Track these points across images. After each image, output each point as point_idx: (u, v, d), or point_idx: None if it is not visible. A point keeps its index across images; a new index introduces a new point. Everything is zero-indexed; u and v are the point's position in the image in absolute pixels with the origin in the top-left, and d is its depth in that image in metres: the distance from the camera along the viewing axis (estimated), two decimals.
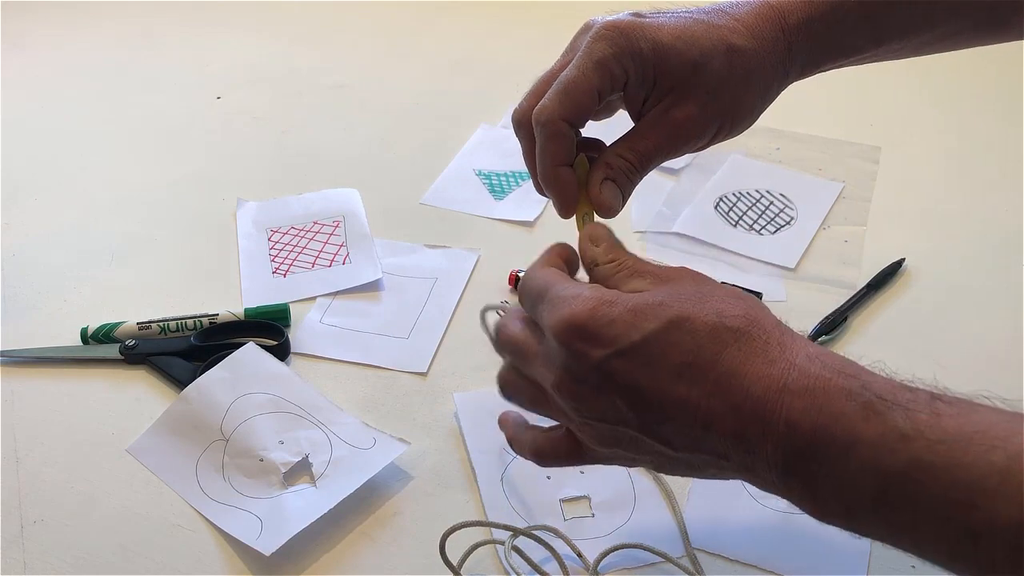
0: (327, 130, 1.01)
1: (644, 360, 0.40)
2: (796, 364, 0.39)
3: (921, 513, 0.35)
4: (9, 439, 0.66)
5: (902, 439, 0.36)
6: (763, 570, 0.57)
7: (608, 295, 0.42)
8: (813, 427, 0.37)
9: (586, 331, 0.41)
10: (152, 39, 1.19)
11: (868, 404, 0.37)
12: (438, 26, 1.21)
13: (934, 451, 0.35)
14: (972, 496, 0.34)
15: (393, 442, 0.64)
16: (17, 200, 0.90)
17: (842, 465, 0.37)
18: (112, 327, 0.73)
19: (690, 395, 0.40)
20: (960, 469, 0.34)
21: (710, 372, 0.40)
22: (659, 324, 0.40)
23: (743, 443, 0.39)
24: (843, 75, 0.59)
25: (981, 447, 0.34)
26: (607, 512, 0.60)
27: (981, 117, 1.02)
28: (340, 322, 0.76)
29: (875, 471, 0.36)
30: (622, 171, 0.50)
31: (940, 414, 0.36)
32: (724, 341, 0.40)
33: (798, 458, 0.38)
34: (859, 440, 0.36)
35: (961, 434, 0.35)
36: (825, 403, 0.38)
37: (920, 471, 0.35)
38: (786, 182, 0.91)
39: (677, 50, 0.48)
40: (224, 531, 0.59)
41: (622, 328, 0.41)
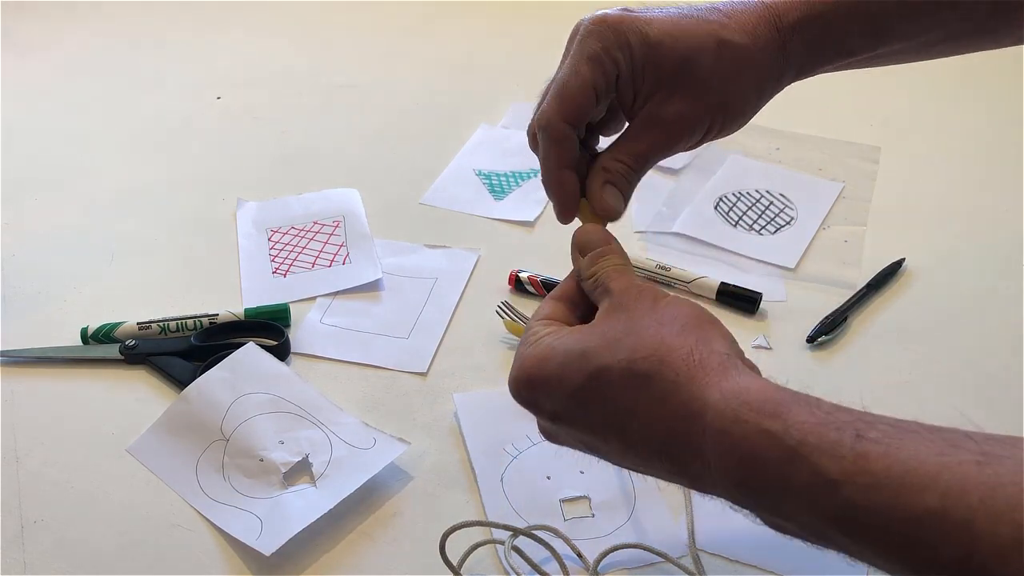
0: (327, 130, 1.01)
1: (577, 412, 0.44)
2: (709, 404, 0.39)
3: (867, 550, 0.36)
4: (9, 439, 0.66)
5: (831, 484, 0.35)
6: (763, 570, 0.57)
7: (546, 350, 0.45)
8: (738, 474, 0.38)
9: (526, 391, 0.46)
10: (152, 39, 1.19)
11: (792, 449, 0.37)
12: (438, 26, 1.21)
13: (866, 496, 0.35)
14: (910, 538, 0.33)
15: (393, 442, 0.64)
16: (17, 200, 0.90)
17: (780, 501, 0.38)
18: (112, 327, 0.73)
19: (624, 444, 0.43)
20: (894, 513, 0.34)
21: (633, 421, 0.42)
22: (582, 378, 0.43)
23: (686, 477, 0.42)
24: (843, 75, 0.59)
25: (913, 488, 0.34)
26: (607, 512, 0.60)
27: (981, 117, 1.02)
28: (340, 322, 0.76)
29: (810, 513, 0.37)
30: (621, 175, 0.50)
31: (867, 455, 0.35)
32: (637, 388, 0.41)
33: (739, 490, 0.39)
34: (789, 483, 0.37)
35: (890, 475, 0.34)
36: (747, 449, 0.38)
37: (856, 514, 0.35)
38: (786, 182, 0.91)
39: (666, 44, 0.48)
40: (224, 531, 0.59)
41: (554, 386, 0.44)
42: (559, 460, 0.64)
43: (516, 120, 1.01)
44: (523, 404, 0.47)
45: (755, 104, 0.53)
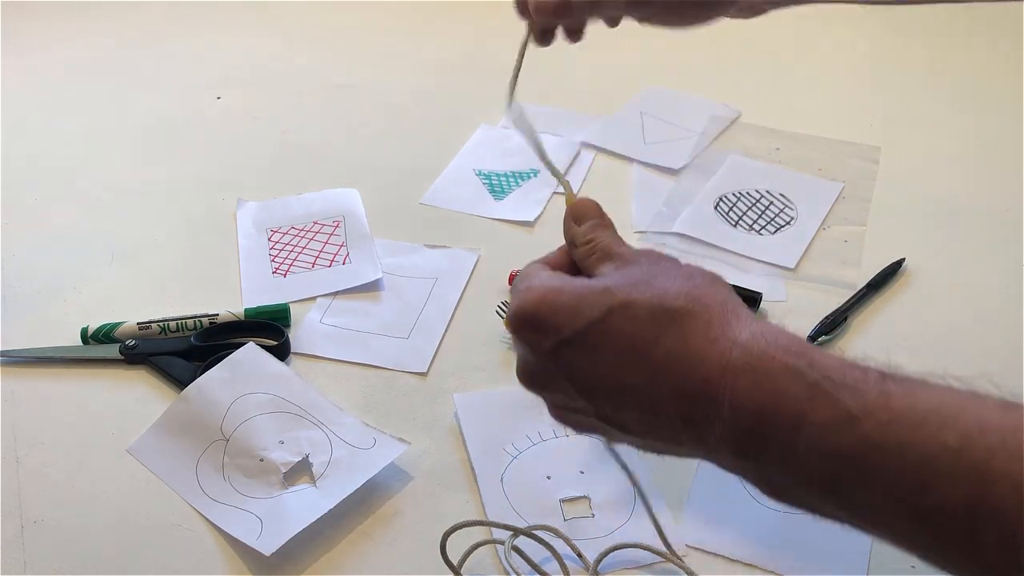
0: (327, 130, 1.01)
1: (588, 348, 0.40)
2: (738, 342, 0.38)
3: (874, 496, 0.35)
4: (9, 439, 0.66)
5: (851, 420, 0.35)
6: (763, 570, 0.57)
7: (556, 283, 0.42)
8: (758, 408, 0.37)
9: (533, 321, 0.42)
10: (152, 39, 1.19)
11: (815, 384, 0.36)
12: (438, 26, 1.21)
13: (884, 432, 0.34)
14: (923, 477, 0.33)
15: (393, 442, 0.64)
16: (17, 200, 0.90)
17: (790, 445, 0.36)
18: (112, 327, 0.73)
19: (635, 381, 0.40)
20: (911, 449, 0.33)
21: (651, 357, 0.39)
22: (600, 311, 0.40)
23: (692, 426, 0.39)
24: (843, 75, 0.59)
25: (932, 427, 0.33)
26: (607, 512, 0.60)
27: (981, 117, 1.02)
28: (340, 322, 0.76)
29: (824, 453, 0.35)
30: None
31: (890, 394, 0.35)
32: (663, 324, 0.39)
33: (747, 438, 0.37)
34: (806, 420, 0.36)
35: (912, 413, 0.34)
36: (769, 383, 0.37)
37: (870, 453, 0.34)
38: (786, 182, 0.91)
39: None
40: (224, 531, 0.59)
41: (565, 317, 0.41)
42: (559, 460, 0.64)
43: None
44: (523, 338, 0.43)
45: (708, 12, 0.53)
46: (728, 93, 1.04)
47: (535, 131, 0.50)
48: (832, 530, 0.60)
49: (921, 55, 1.13)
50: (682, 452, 0.42)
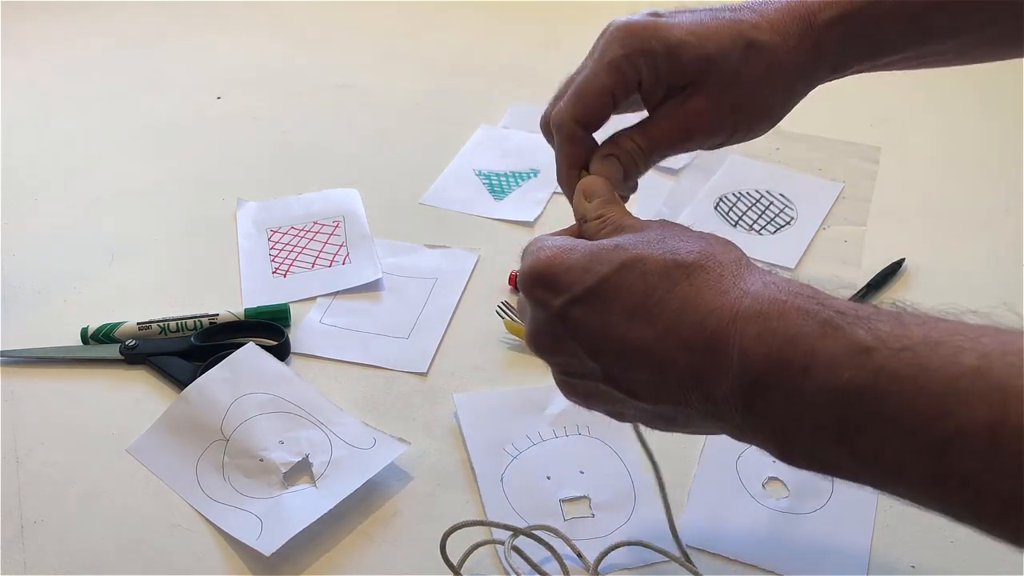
0: (327, 130, 1.01)
1: (599, 305, 0.40)
2: (750, 292, 0.38)
3: (888, 433, 0.33)
4: (9, 439, 0.66)
5: (863, 352, 0.34)
6: (763, 570, 0.57)
7: (569, 243, 0.42)
8: (768, 352, 0.36)
9: (544, 279, 0.41)
10: (152, 39, 1.19)
11: (826, 321, 0.35)
12: (438, 26, 1.21)
13: (899, 359, 0.33)
14: (941, 402, 0.31)
15: (393, 442, 0.64)
16: (17, 200, 0.90)
17: (801, 388, 0.35)
18: (112, 327, 0.73)
19: (644, 337, 0.39)
20: (927, 374, 0.32)
21: (662, 311, 0.39)
22: (611, 267, 0.40)
23: (700, 384, 0.38)
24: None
25: (949, 350, 0.32)
26: (607, 512, 0.60)
27: (981, 117, 1.02)
28: (340, 322, 0.76)
29: (836, 389, 0.34)
30: (628, 152, 0.49)
31: (904, 323, 0.34)
32: (675, 278, 0.39)
33: (756, 389, 0.36)
34: (817, 358, 0.35)
35: (927, 340, 0.33)
36: (780, 326, 0.36)
37: (884, 382, 0.33)
38: (786, 182, 0.91)
39: (691, 45, 0.47)
40: (224, 531, 0.59)
41: (578, 274, 0.41)
42: (559, 460, 0.64)
43: (516, 120, 1.01)
44: (534, 297, 0.42)
45: (784, 105, 0.51)
46: None
47: None
48: (832, 531, 0.60)
49: None
50: (691, 421, 0.41)
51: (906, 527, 0.59)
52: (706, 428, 0.42)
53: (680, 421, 0.42)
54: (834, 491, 0.61)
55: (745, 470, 0.63)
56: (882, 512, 0.60)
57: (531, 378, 0.70)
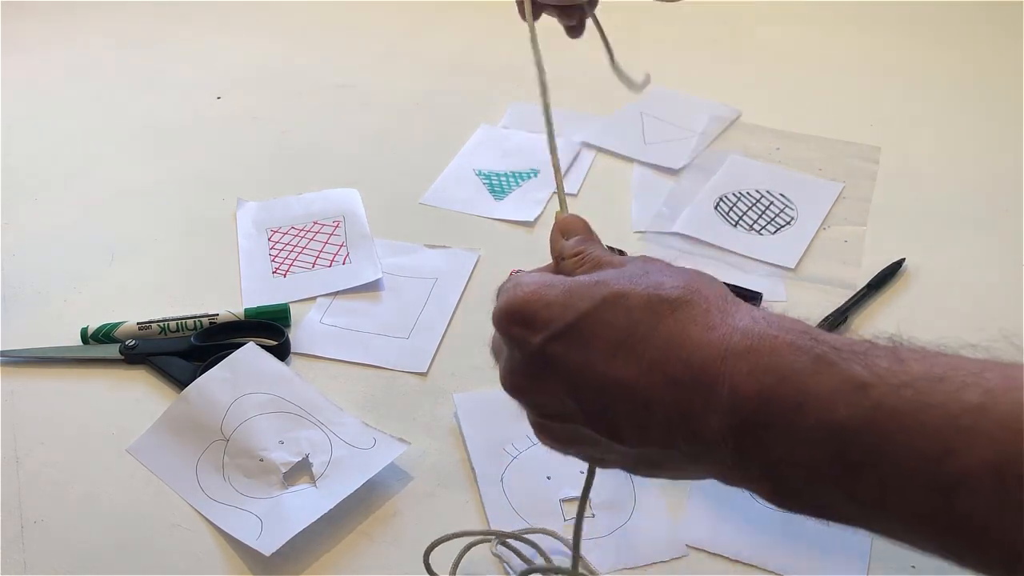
0: (327, 130, 1.01)
1: (580, 341, 0.38)
2: (738, 327, 0.36)
3: (887, 472, 0.31)
4: (9, 439, 0.66)
5: (860, 388, 0.32)
6: (763, 570, 0.57)
7: (547, 279, 0.41)
8: (759, 389, 0.34)
9: (521, 315, 0.40)
10: (152, 39, 1.19)
11: (820, 356, 0.33)
12: (438, 26, 1.21)
13: (898, 396, 0.31)
14: (944, 441, 0.30)
15: (393, 442, 0.64)
16: (17, 200, 0.90)
17: (794, 425, 0.33)
18: (112, 327, 0.73)
19: (627, 374, 0.37)
20: (928, 412, 0.30)
21: (646, 347, 0.37)
22: (592, 303, 0.38)
23: (688, 422, 0.36)
24: (843, 75, 0.59)
25: (951, 386, 0.31)
26: (607, 512, 0.60)
27: (981, 117, 1.02)
28: (340, 322, 0.76)
29: (832, 426, 0.32)
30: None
31: (903, 359, 0.32)
32: (660, 313, 0.37)
33: (747, 429, 0.35)
34: (810, 395, 0.33)
35: (928, 376, 0.31)
36: (771, 362, 0.34)
37: (883, 420, 0.31)
38: (786, 182, 0.91)
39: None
40: (224, 531, 0.59)
41: (557, 310, 0.39)
42: (559, 460, 0.64)
43: (516, 120, 1.01)
44: (510, 335, 0.40)
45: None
46: (728, 93, 1.04)
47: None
48: (832, 530, 0.60)
49: (921, 55, 1.13)
50: (677, 464, 0.39)
51: None
52: (693, 472, 0.39)
53: (666, 464, 0.40)
54: None
55: None
56: None
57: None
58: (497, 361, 0.44)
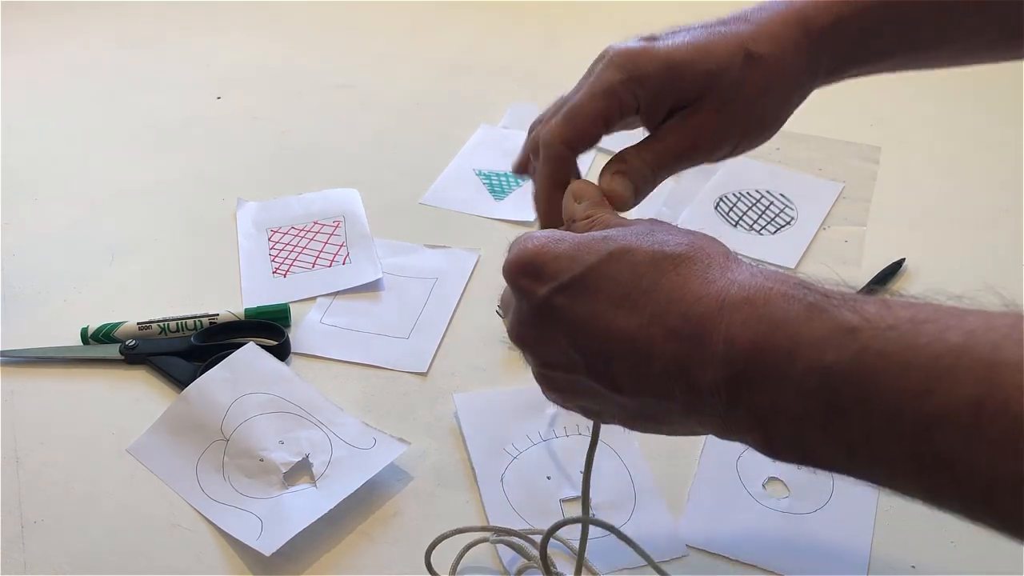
0: (327, 130, 1.01)
1: (585, 294, 0.40)
2: (736, 280, 0.38)
3: (873, 414, 0.33)
4: (9, 439, 0.66)
5: (849, 332, 0.34)
6: (763, 570, 0.57)
7: (557, 235, 0.42)
8: (753, 338, 0.36)
9: (531, 267, 0.41)
10: (152, 39, 1.19)
11: (812, 304, 0.35)
12: (438, 26, 1.21)
13: (884, 338, 0.33)
14: (926, 381, 0.31)
15: (393, 442, 0.64)
16: (17, 200, 0.90)
17: (786, 374, 0.35)
18: (112, 327, 0.73)
19: (629, 325, 0.39)
20: (912, 352, 0.32)
21: (648, 300, 0.39)
22: (599, 257, 0.40)
23: (685, 373, 0.38)
24: None
25: (935, 328, 0.32)
26: (607, 512, 0.60)
27: (981, 117, 1.02)
28: (340, 322, 0.76)
29: (821, 371, 0.34)
30: (636, 169, 0.49)
31: (891, 305, 0.34)
32: (663, 268, 0.39)
33: (742, 378, 0.36)
34: (801, 342, 0.35)
35: (914, 319, 0.33)
36: (765, 312, 0.36)
37: (869, 362, 0.33)
38: (786, 182, 0.91)
39: (691, 63, 0.48)
40: (224, 531, 0.59)
41: (565, 263, 0.41)
42: (559, 460, 0.64)
43: (516, 120, 1.01)
44: (519, 286, 0.42)
45: (784, 112, 0.52)
46: None
47: None
48: (832, 531, 0.60)
49: None
50: (673, 417, 0.41)
51: (906, 527, 0.59)
52: (688, 425, 0.41)
53: (661, 418, 0.41)
54: (834, 491, 0.61)
55: (745, 470, 0.63)
56: (882, 512, 0.60)
57: (531, 378, 0.70)
58: (505, 315, 0.46)
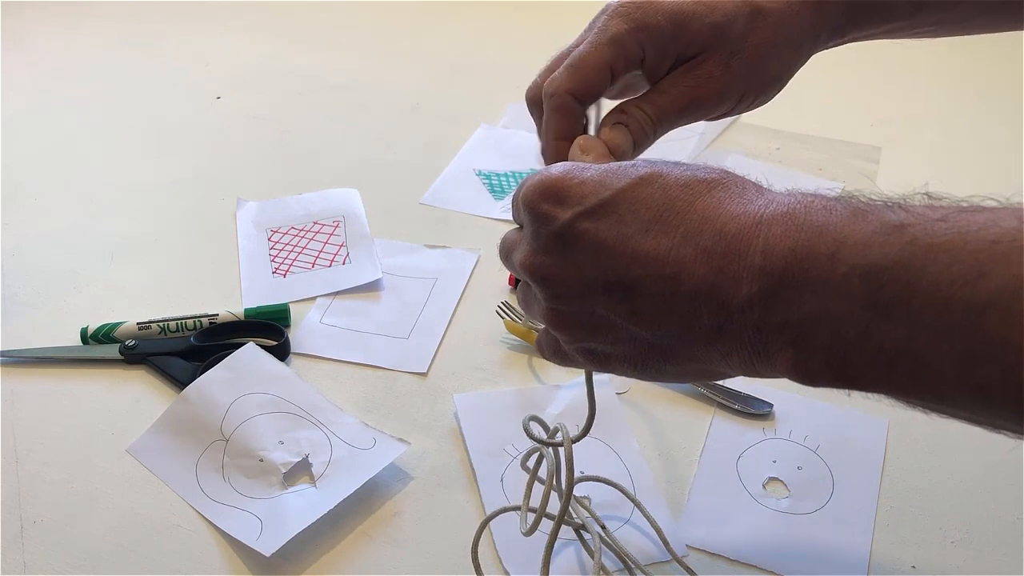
0: (327, 130, 1.01)
1: (612, 218, 0.38)
2: (775, 199, 0.37)
3: (920, 305, 0.31)
4: (9, 439, 0.66)
5: (897, 228, 0.32)
6: (763, 570, 0.57)
7: (582, 163, 0.41)
8: (793, 246, 0.34)
9: (554, 191, 0.39)
10: (152, 39, 1.19)
11: (856, 210, 0.34)
12: (438, 26, 1.21)
13: (934, 229, 0.31)
14: (979, 265, 0.29)
15: (393, 442, 0.64)
16: (17, 200, 0.90)
17: (827, 278, 0.33)
18: (112, 327, 0.73)
19: (658, 247, 0.37)
20: (964, 239, 0.30)
21: (680, 221, 0.37)
22: (629, 181, 0.39)
23: (714, 293, 0.36)
24: (843, 75, 0.59)
25: (985, 217, 0.30)
26: (607, 512, 0.60)
27: (981, 117, 1.02)
28: (340, 322, 0.76)
29: (865, 271, 0.32)
30: (637, 120, 0.48)
31: (940, 201, 0.33)
32: (697, 191, 0.38)
33: (776, 289, 0.34)
34: (845, 243, 0.33)
35: (963, 210, 0.31)
36: (807, 220, 0.34)
37: (918, 254, 0.31)
38: (786, 182, 0.91)
39: (697, 15, 0.47)
40: (224, 531, 0.59)
41: (591, 188, 0.39)
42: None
43: (516, 120, 1.01)
44: (539, 211, 0.40)
45: (788, 71, 0.51)
46: None
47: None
48: (832, 530, 0.60)
49: (921, 55, 1.13)
50: (691, 351, 0.38)
51: (906, 527, 0.59)
52: (706, 359, 0.39)
53: (679, 352, 0.39)
54: (834, 491, 0.61)
55: (745, 470, 0.63)
56: (882, 512, 0.60)
57: (531, 378, 0.70)
58: (505, 262, 0.44)
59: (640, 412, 0.67)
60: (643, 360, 0.41)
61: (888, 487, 0.62)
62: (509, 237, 0.44)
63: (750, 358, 0.37)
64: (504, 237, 0.45)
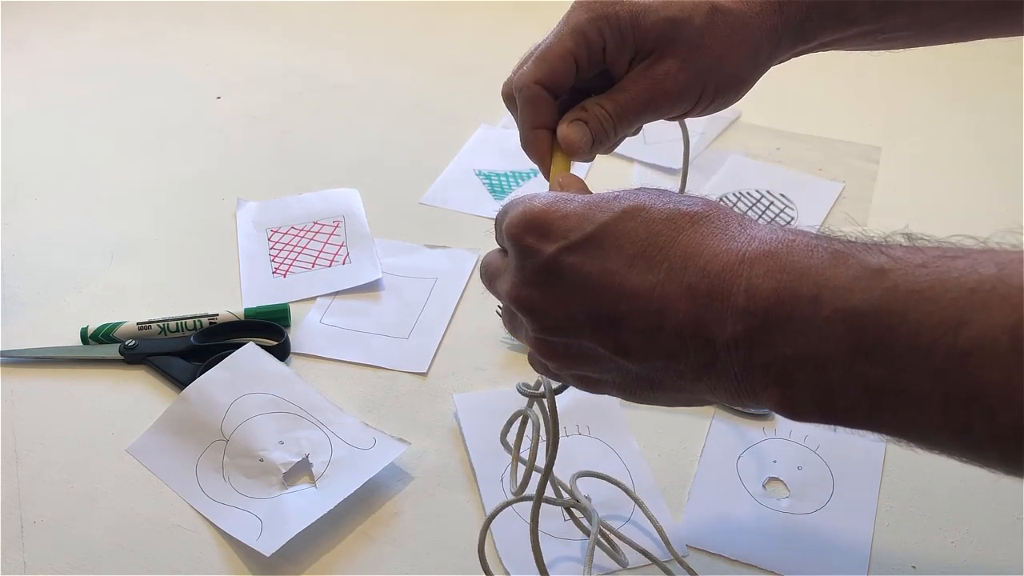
0: (327, 130, 1.01)
1: (596, 252, 0.38)
2: (757, 236, 0.37)
3: (902, 350, 0.31)
4: (9, 439, 0.66)
5: (877, 274, 0.32)
6: (763, 570, 0.57)
7: (565, 194, 0.41)
8: (775, 288, 0.34)
9: (538, 225, 0.40)
10: (152, 39, 1.19)
11: (836, 252, 0.34)
12: (438, 26, 1.21)
13: (914, 276, 0.31)
14: (960, 313, 0.30)
15: (393, 442, 0.64)
16: (17, 200, 0.90)
17: (810, 320, 0.33)
18: (112, 327, 0.73)
19: (643, 283, 0.37)
20: (944, 286, 0.31)
21: (664, 257, 0.37)
22: (612, 215, 0.39)
23: (700, 331, 0.36)
24: (843, 75, 0.59)
25: (966, 263, 0.31)
26: (607, 512, 0.60)
27: (981, 117, 1.02)
28: (340, 322, 0.76)
29: (847, 314, 0.32)
30: (595, 117, 0.48)
31: (919, 246, 0.33)
32: (680, 226, 0.38)
33: (761, 330, 0.35)
34: (826, 287, 0.33)
35: (944, 256, 0.32)
36: (789, 261, 0.35)
37: (899, 300, 0.31)
38: (786, 182, 0.91)
39: (653, 8, 0.48)
40: (224, 531, 0.59)
41: (575, 221, 0.39)
42: (559, 460, 0.64)
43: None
44: (523, 244, 0.40)
45: (750, 74, 0.51)
46: None
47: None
48: (832, 531, 0.60)
49: (921, 55, 1.12)
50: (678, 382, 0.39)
51: (906, 527, 0.59)
52: (694, 390, 0.39)
53: (667, 383, 0.39)
54: (834, 491, 0.61)
55: (745, 470, 0.63)
56: (882, 512, 0.60)
57: (531, 378, 0.70)
58: (489, 287, 0.44)
59: (640, 412, 0.67)
60: (632, 388, 0.41)
61: (888, 487, 0.62)
62: (492, 262, 0.44)
63: (737, 392, 0.37)
64: (486, 260, 0.45)
